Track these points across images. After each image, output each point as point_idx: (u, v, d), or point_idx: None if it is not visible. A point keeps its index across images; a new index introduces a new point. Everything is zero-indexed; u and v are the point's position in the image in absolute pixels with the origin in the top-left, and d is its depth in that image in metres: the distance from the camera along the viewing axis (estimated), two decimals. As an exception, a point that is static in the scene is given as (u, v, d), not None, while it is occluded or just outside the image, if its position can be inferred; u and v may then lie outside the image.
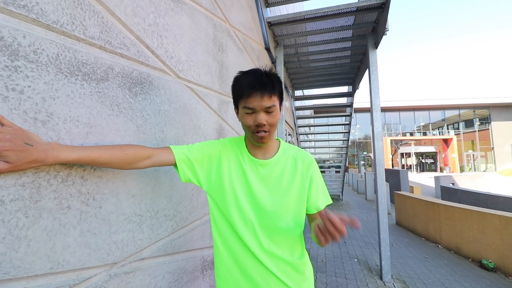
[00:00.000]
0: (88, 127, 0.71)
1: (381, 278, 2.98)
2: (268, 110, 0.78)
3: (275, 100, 0.79)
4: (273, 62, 3.57)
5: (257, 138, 0.81)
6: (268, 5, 3.14)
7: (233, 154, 0.89)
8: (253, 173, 0.86)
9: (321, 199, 0.88)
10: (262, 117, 0.77)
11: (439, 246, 4.28)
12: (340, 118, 7.28)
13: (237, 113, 0.86)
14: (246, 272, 0.81)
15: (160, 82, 1.04)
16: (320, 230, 0.63)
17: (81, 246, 0.69)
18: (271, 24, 3.19)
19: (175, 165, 0.85)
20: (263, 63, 3.03)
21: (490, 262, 3.32)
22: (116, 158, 0.70)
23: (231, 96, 0.87)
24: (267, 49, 3.14)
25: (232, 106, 1.79)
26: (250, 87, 0.76)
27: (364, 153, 24.23)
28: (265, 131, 0.79)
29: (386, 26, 2.89)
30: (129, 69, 0.87)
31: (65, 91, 0.65)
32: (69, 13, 0.67)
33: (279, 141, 0.94)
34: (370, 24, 3.15)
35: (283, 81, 3.48)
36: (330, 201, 0.91)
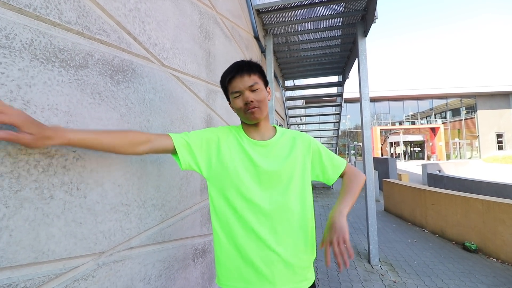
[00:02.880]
0: (68, 115, 0.69)
1: (369, 261, 3.09)
2: (252, 89, 0.84)
3: (256, 79, 0.85)
4: (263, 51, 3.54)
5: (249, 116, 0.85)
6: (256, -8, 3.08)
7: (232, 137, 0.92)
8: (255, 152, 0.88)
9: (338, 163, 0.98)
10: (249, 95, 0.84)
11: (425, 230, 4.44)
12: (331, 108, 7.33)
13: (231, 105, 0.92)
14: (248, 258, 0.82)
15: (144, 70, 1.02)
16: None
17: (66, 235, 0.68)
18: (260, 12, 3.14)
19: (174, 151, 0.85)
20: (252, 52, 3.00)
21: (473, 244, 3.48)
22: (119, 140, 0.73)
23: (220, 85, 0.91)
24: (256, 38, 3.10)
25: (220, 95, 1.78)
26: (229, 73, 0.85)
27: (355, 142, 24.59)
28: (255, 107, 0.84)
29: (375, 14, 2.89)
30: (110, 56, 0.85)
31: (41, 78, 0.63)
32: (43, -4, 0.64)
33: (275, 127, 0.98)
34: (360, 12, 3.13)
35: (272, 70, 3.46)
36: (345, 162, 1.00)
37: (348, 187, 0.93)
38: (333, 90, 6.61)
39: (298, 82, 8.58)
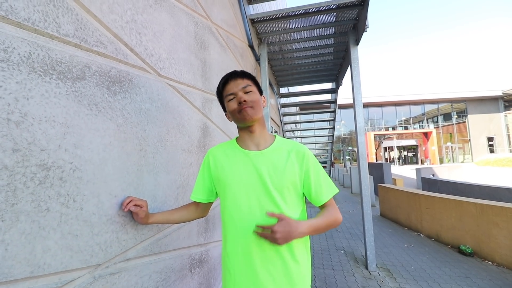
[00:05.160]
0: (65, 127, 0.69)
1: (366, 267, 3.08)
2: (245, 90, 0.87)
3: (248, 81, 0.89)
4: (257, 59, 3.58)
5: (244, 116, 0.86)
6: (250, 2, 3.14)
7: (220, 152, 0.96)
8: (244, 161, 0.90)
9: (324, 192, 0.90)
10: (242, 95, 0.86)
11: (421, 234, 4.46)
12: (325, 114, 7.40)
13: (226, 114, 0.95)
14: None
15: (140, 81, 1.02)
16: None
17: (63, 248, 0.68)
18: (254, 21, 3.19)
19: (206, 200, 1.01)
20: (247, 60, 3.04)
21: (468, 248, 3.50)
22: (182, 218, 1.00)
23: (215, 94, 0.94)
24: (251, 47, 3.14)
25: (216, 104, 1.79)
26: (224, 79, 0.90)
27: (349, 148, 24.79)
28: (248, 106, 0.86)
29: (366, 23, 2.97)
30: (107, 68, 0.85)
31: (39, 90, 0.63)
32: (41, 10, 0.65)
33: (275, 137, 0.98)
34: (351, 21, 3.21)
35: (267, 78, 3.50)
36: (336, 190, 0.92)
37: (323, 215, 0.86)
38: (327, 96, 6.69)
39: (292, 89, 8.67)
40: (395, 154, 26.42)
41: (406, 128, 26.89)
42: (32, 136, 0.61)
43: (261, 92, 0.94)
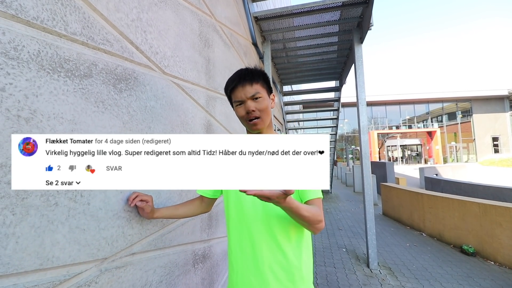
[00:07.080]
0: (72, 124, 0.71)
1: (368, 266, 3.09)
2: (253, 98, 0.86)
3: (258, 88, 0.87)
4: (261, 57, 3.58)
5: (251, 126, 0.89)
6: (254, -1, 3.13)
7: None
8: None
9: (309, 191, 0.84)
10: (250, 104, 0.85)
11: (423, 234, 4.46)
12: (328, 112, 7.37)
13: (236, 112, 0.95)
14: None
15: (146, 78, 1.04)
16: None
17: (71, 242, 0.69)
18: (258, 19, 3.19)
19: (211, 195, 1.05)
20: (251, 58, 3.04)
21: (470, 247, 3.50)
22: (186, 213, 1.04)
23: (219, 92, 0.93)
24: (254, 44, 3.14)
25: (219, 101, 1.80)
26: (232, 82, 0.87)
27: (352, 146, 24.68)
28: (256, 117, 0.87)
29: (371, 21, 2.95)
30: (113, 65, 0.87)
31: (48, 88, 0.65)
32: (49, 8, 0.66)
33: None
34: (355, 19, 3.19)
35: (270, 76, 3.50)
36: (319, 195, 0.85)
37: (308, 206, 0.76)
38: (331, 95, 6.67)
39: (295, 87, 8.64)
40: (398, 153, 26.28)
41: (410, 127, 26.72)
42: (41, 132, 0.63)
43: (270, 90, 0.93)
